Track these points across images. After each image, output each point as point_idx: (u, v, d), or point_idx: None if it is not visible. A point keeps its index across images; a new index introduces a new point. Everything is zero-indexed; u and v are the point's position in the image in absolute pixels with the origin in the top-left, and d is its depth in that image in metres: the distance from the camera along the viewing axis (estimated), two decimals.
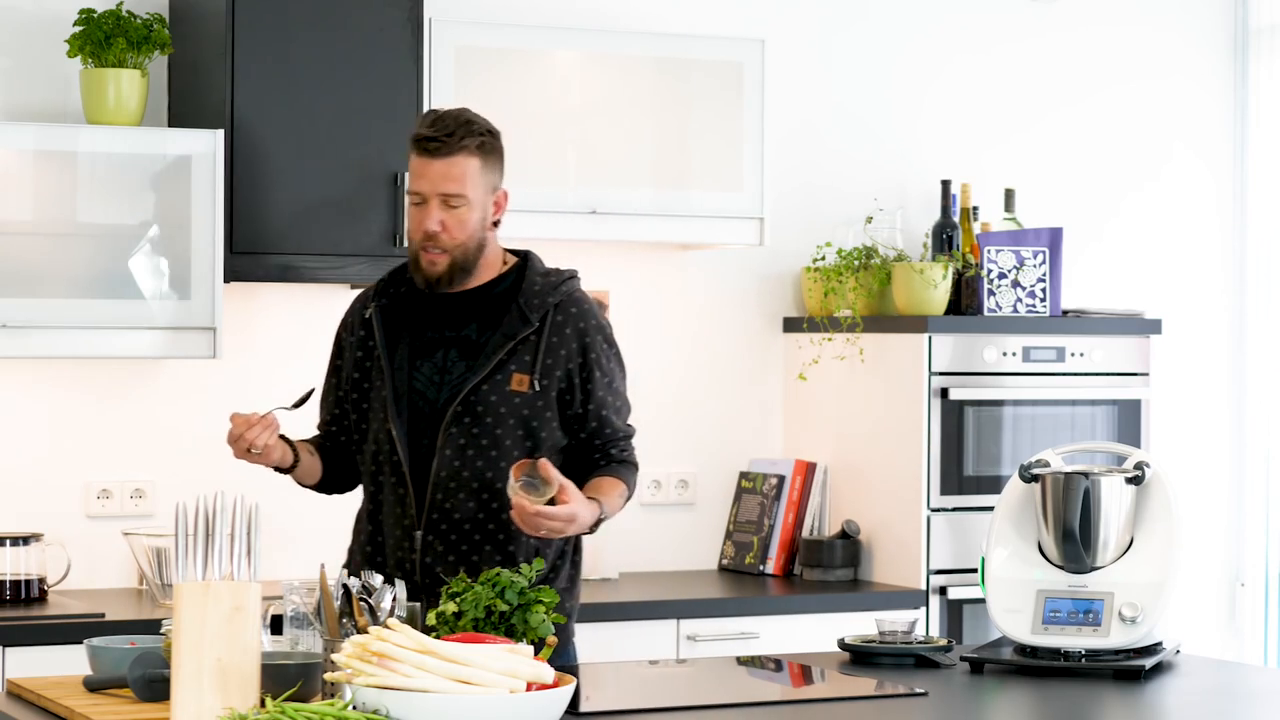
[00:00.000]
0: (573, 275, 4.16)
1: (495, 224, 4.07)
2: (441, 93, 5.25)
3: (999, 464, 5.63)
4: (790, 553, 5.75)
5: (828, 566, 5.64)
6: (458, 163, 3.97)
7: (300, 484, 4.21)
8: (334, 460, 4.19)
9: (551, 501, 3.81)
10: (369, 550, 4.10)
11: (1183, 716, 3.71)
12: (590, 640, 4.97)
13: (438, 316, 4.07)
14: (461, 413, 3.99)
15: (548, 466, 3.82)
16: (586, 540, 5.57)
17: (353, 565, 4.13)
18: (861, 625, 5.14)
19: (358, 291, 5.47)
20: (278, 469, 4.06)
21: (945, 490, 5.57)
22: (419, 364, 4.05)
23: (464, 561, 3.98)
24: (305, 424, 4.21)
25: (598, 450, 4.11)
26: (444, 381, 4.03)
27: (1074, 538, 4.01)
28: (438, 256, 3.99)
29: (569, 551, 4.13)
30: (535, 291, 4.07)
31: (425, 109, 5.22)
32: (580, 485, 3.95)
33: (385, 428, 4.03)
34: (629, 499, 4.16)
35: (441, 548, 3.99)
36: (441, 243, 3.97)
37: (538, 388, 4.01)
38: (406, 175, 4.12)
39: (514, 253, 4.16)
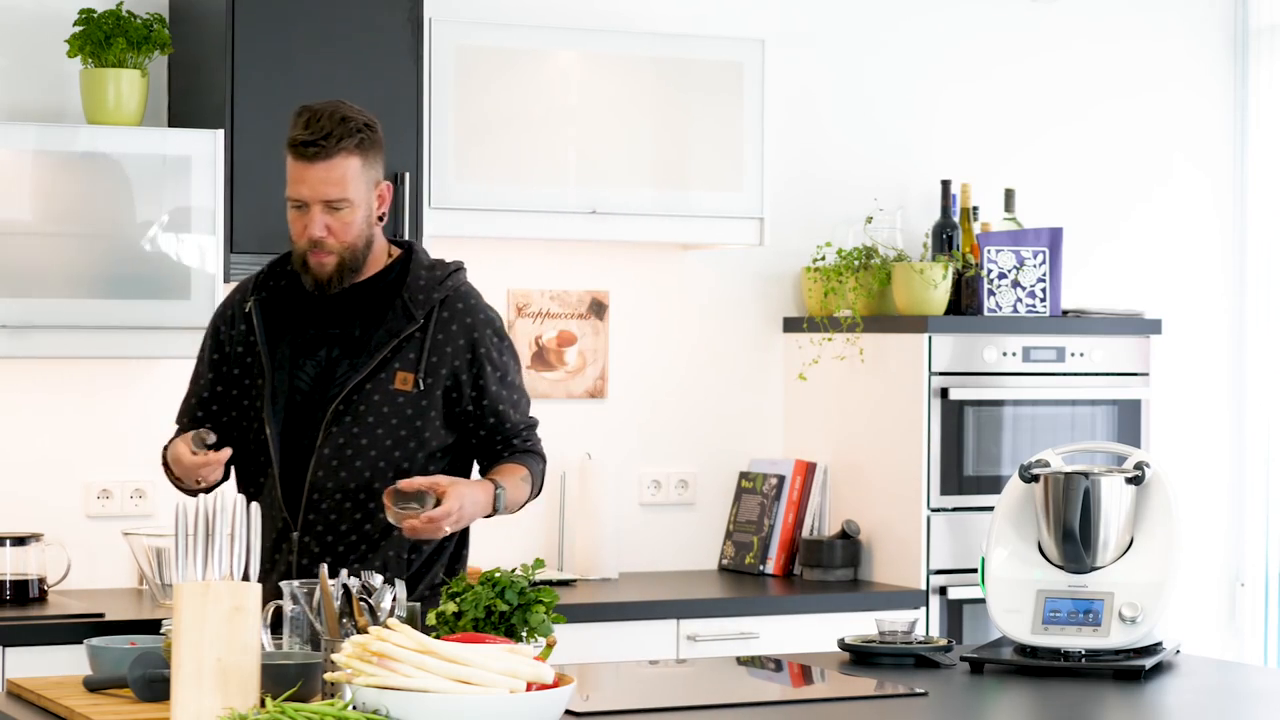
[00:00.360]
0: (459, 268, 4.06)
1: (380, 218, 3.96)
2: (441, 93, 5.25)
3: (999, 464, 5.63)
4: (790, 553, 5.75)
5: (828, 566, 5.64)
6: (337, 165, 3.86)
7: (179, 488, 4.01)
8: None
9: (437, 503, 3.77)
10: None
11: (1183, 716, 3.71)
12: (590, 640, 4.97)
13: (320, 312, 3.96)
14: (342, 412, 3.89)
15: (408, 484, 3.75)
16: (585, 540, 5.59)
17: None
18: (861, 625, 5.14)
19: None
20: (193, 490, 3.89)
21: (945, 490, 5.57)
22: (301, 361, 3.95)
23: (341, 564, 3.88)
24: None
25: (499, 444, 4.01)
26: (326, 379, 3.93)
27: (1074, 538, 4.01)
28: (325, 258, 3.89)
29: (448, 547, 4.03)
30: (420, 286, 3.96)
31: (426, 107, 5.22)
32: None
33: (268, 428, 3.94)
34: (537, 486, 4.04)
35: (318, 549, 3.91)
36: (328, 246, 3.88)
37: (422, 386, 3.91)
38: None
39: (397, 243, 4.05)
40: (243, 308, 4.02)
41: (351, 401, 3.90)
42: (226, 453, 3.83)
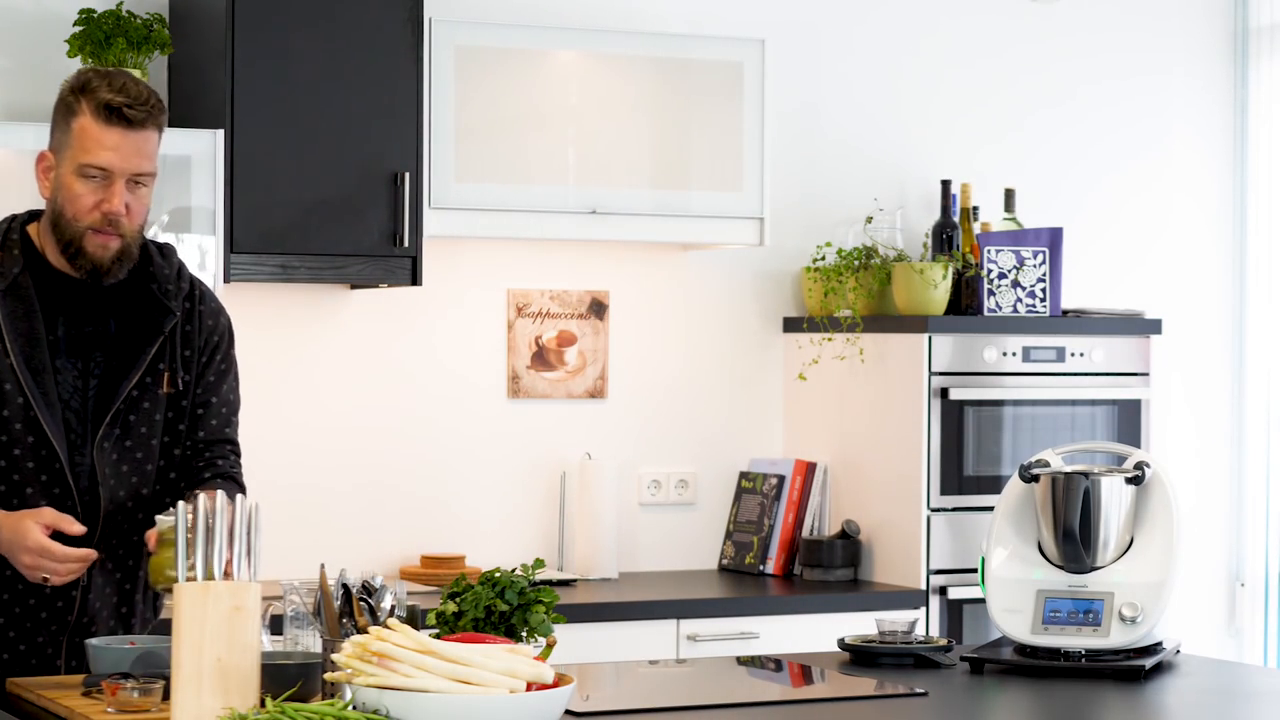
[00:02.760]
0: (175, 251, 3.66)
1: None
2: (441, 93, 5.25)
3: (999, 464, 5.63)
4: (790, 553, 5.75)
5: (828, 566, 5.64)
6: (151, 137, 3.48)
7: None
8: None
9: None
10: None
11: (1183, 716, 3.71)
12: (590, 640, 4.97)
13: (72, 308, 3.52)
14: (112, 424, 3.51)
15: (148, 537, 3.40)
16: (585, 540, 5.59)
17: None
18: (861, 625, 5.14)
19: (359, 292, 5.51)
20: None
21: (945, 490, 5.57)
22: (58, 365, 3.51)
23: (126, 603, 3.58)
24: None
25: (206, 456, 3.62)
26: (89, 387, 3.52)
27: (1074, 538, 4.01)
28: (111, 240, 3.47)
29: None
30: (166, 277, 3.57)
31: (426, 107, 5.22)
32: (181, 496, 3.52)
33: (24, 440, 3.48)
34: None
35: (108, 588, 3.56)
36: (121, 227, 3.47)
37: (180, 386, 3.57)
38: (66, 147, 3.52)
39: None
40: None
41: (120, 411, 3.51)
42: (93, 553, 3.42)
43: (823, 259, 5.89)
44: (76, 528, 3.42)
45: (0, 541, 3.41)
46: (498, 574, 3.48)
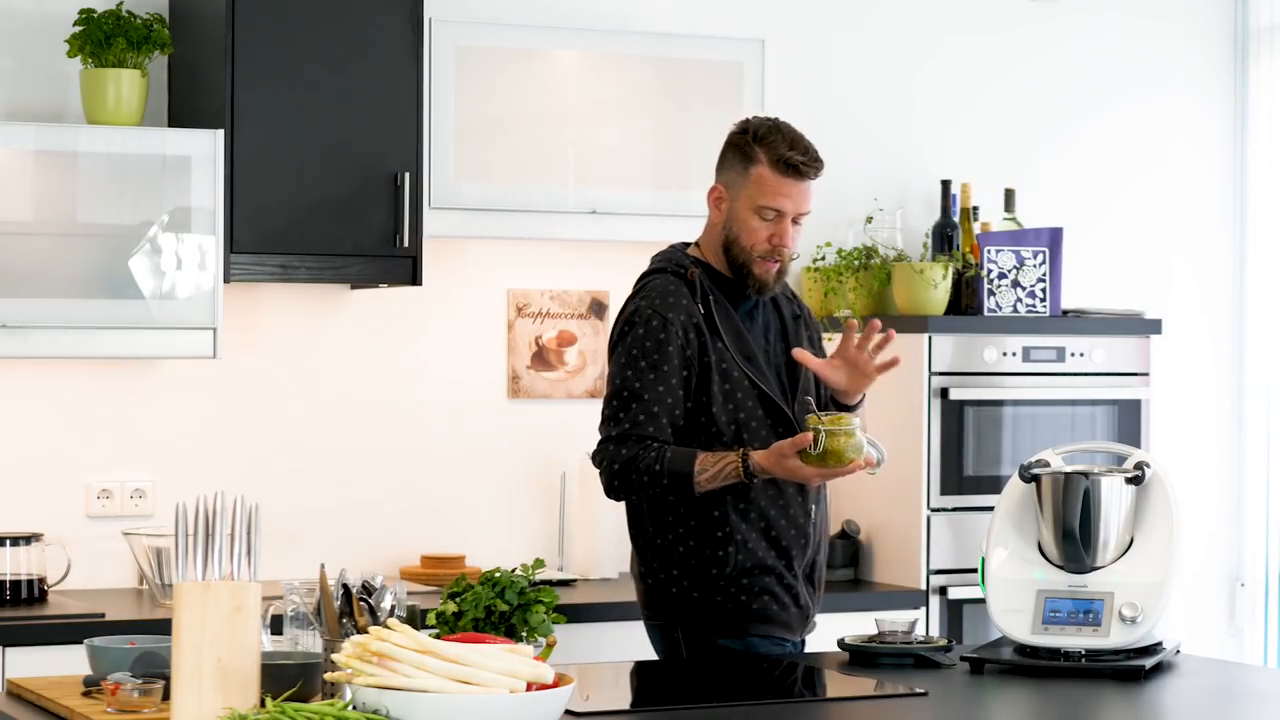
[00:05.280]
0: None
1: None
2: (441, 93, 5.25)
3: (999, 464, 5.63)
4: None
5: (828, 566, 5.64)
6: (814, 185, 4.25)
7: None
8: None
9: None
10: None
11: (1183, 716, 3.71)
12: (590, 640, 4.97)
13: (737, 303, 4.24)
14: (804, 390, 4.23)
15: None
16: (585, 540, 5.58)
17: None
18: (861, 625, 5.13)
19: (359, 292, 5.51)
20: None
21: (945, 490, 5.57)
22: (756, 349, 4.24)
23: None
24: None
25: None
26: (776, 362, 4.24)
27: (1074, 538, 4.01)
28: (773, 266, 4.20)
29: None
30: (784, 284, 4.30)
31: (426, 107, 5.22)
32: None
33: (755, 414, 4.18)
34: None
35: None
36: (783, 255, 4.19)
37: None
38: None
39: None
40: (693, 315, 4.20)
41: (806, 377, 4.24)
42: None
43: (823, 259, 5.89)
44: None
45: (778, 469, 4.04)
46: (498, 574, 3.49)
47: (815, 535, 4.27)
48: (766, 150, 4.16)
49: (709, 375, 4.14)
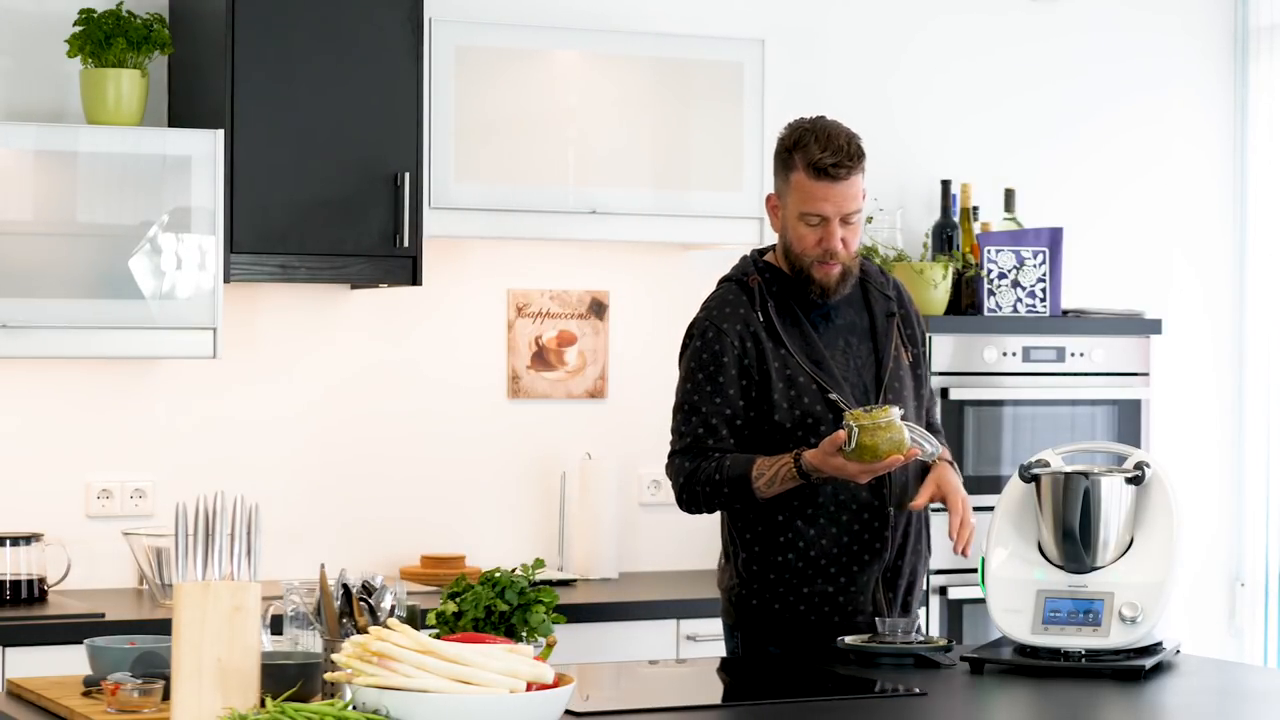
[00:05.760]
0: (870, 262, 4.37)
1: None
2: (441, 93, 5.25)
3: (999, 464, 5.63)
4: None
5: None
6: (856, 182, 4.12)
7: None
8: None
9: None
10: None
11: (1183, 716, 3.71)
12: (590, 640, 4.97)
13: (815, 309, 4.21)
14: (887, 390, 4.19)
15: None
16: (585, 540, 5.59)
17: None
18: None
19: (359, 292, 5.51)
20: None
21: None
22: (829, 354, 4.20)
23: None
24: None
25: (929, 409, 4.32)
26: (856, 365, 4.20)
27: (1074, 538, 4.01)
28: (833, 268, 4.14)
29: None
30: (871, 274, 4.27)
31: (426, 107, 5.22)
32: None
33: (825, 419, 4.13)
34: None
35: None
36: (839, 257, 4.13)
37: (912, 358, 4.26)
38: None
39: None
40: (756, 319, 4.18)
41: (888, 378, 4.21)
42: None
43: None
44: None
45: (826, 467, 3.98)
46: (498, 574, 3.49)
47: (896, 538, 4.22)
48: (802, 156, 4.10)
49: (769, 382, 4.11)
